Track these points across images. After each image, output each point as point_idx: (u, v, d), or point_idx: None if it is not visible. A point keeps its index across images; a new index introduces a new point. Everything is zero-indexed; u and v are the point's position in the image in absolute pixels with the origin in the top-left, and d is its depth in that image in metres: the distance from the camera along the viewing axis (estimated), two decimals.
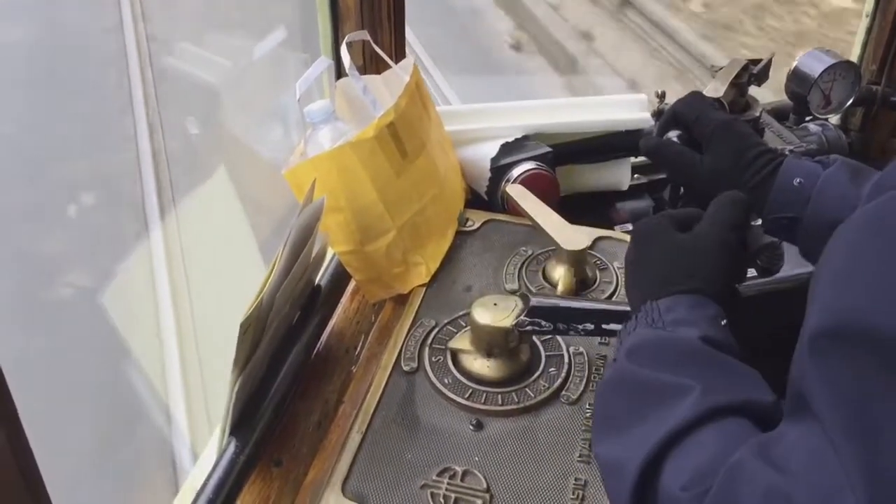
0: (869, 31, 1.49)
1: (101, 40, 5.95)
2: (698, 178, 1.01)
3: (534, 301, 0.86)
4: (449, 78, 5.15)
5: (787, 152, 1.24)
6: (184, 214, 3.96)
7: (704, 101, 1.10)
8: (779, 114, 1.41)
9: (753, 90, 1.27)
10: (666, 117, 1.05)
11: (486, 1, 6.73)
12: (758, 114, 1.26)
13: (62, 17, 6.10)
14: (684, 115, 1.03)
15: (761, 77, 1.24)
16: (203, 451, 0.98)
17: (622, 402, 0.68)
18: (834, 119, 1.49)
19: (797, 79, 1.38)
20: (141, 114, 4.89)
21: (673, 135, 1.09)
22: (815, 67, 1.37)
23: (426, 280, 1.06)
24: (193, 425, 2.88)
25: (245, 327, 0.73)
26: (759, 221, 1.06)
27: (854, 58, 1.50)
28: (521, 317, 0.86)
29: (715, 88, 1.21)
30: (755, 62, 1.23)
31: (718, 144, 1.00)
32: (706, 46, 5.27)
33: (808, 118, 1.42)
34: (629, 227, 1.39)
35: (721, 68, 1.22)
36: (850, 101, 1.41)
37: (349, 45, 1.08)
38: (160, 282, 3.52)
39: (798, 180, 0.96)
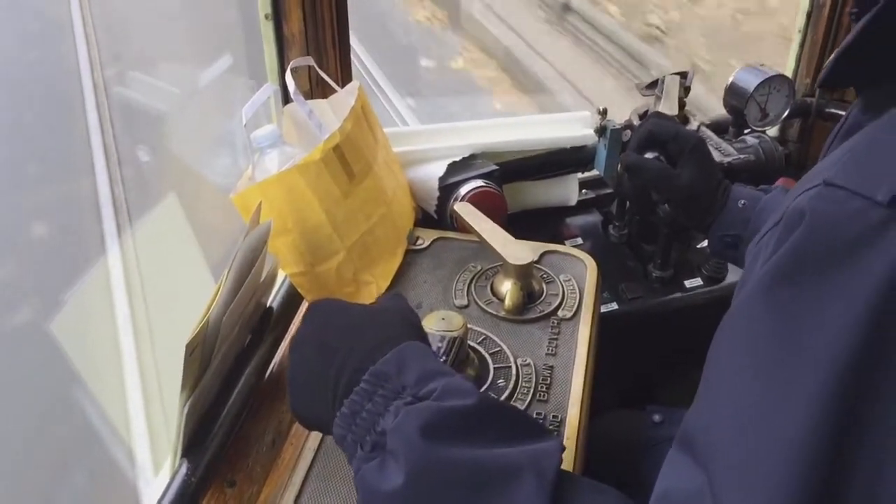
0: (802, 45, 1.55)
1: (57, 70, 5.91)
2: (677, 191, 1.07)
3: None
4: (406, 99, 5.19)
5: (724, 164, 1.30)
6: (139, 241, 3.94)
7: (672, 120, 1.16)
8: (718, 127, 1.46)
9: None
10: (641, 137, 1.11)
11: None
12: (695, 127, 1.31)
13: (16, 50, 6.07)
14: (660, 134, 1.09)
15: (688, 89, 1.30)
16: (159, 474, 0.98)
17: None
18: (772, 131, 1.54)
19: (734, 93, 1.43)
20: (97, 142, 4.87)
21: (649, 155, 1.14)
22: (751, 81, 1.41)
23: (376, 298, 1.07)
24: (156, 450, 2.85)
25: (191, 349, 0.74)
26: (706, 242, 1.12)
27: (788, 72, 1.56)
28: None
29: (669, 107, 1.26)
30: (683, 75, 1.29)
31: (696, 162, 1.08)
32: None
33: (746, 131, 1.47)
34: (579, 241, 1.43)
35: (648, 85, 1.27)
36: (786, 113, 1.46)
37: (294, 70, 1.10)
38: (119, 307, 3.49)
39: (742, 202, 1.05)
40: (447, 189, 1.23)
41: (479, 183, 1.23)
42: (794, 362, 0.48)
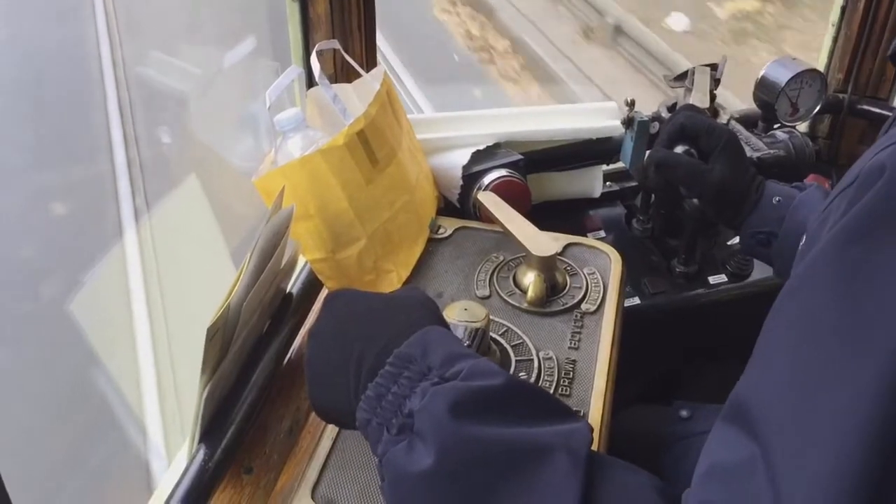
0: (835, 40, 1.52)
1: (77, 50, 5.93)
2: (708, 187, 1.05)
3: None
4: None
5: (754, 159, 1.27)
6: (157, 223, 3.95)
7: (705, 113, 1.14)
8: (747, 121, 1.43)
9: None
10: (672, 131, 1.08)
11: None
12: (726, 120, 1.28)
13: (37, 29, 6.09)
14: (692, 128, 1.07)
15: (718, 81, 1.27)
16: (175, 458, 0.98)
17: (473, 478, 0.57)
18: (802, 127, 1.51)
19: (764, 87, 1.40)
20: (116, 123, 4.88)
21: (679, 149, 1.12)
22: (782, 75, 1.39)
23: (397, 287, 1.06)
24: (168, 432, 2.87)
25: (212, 333, 0.73)
26: (736, 239, 1.09)
27: (820, 66, 1.53)
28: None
29: (701, 100, 1.23)
30: (713, 67, 1.26)
31: (728, 158, 1.05)
32: None
33: (776, 126, 1.44)
34: (602, 233, 1.41)
35: (677, 77, 1.24)
36: (817, 108, 1.44)
37: (320, 53, 1.08)
38: (135, 289, 3.51)
39: (777, 199, 1.03)
40: (471, 178, 1.21)
41: (504, 172, 1.21)
42: (864, 324, 0.46)
